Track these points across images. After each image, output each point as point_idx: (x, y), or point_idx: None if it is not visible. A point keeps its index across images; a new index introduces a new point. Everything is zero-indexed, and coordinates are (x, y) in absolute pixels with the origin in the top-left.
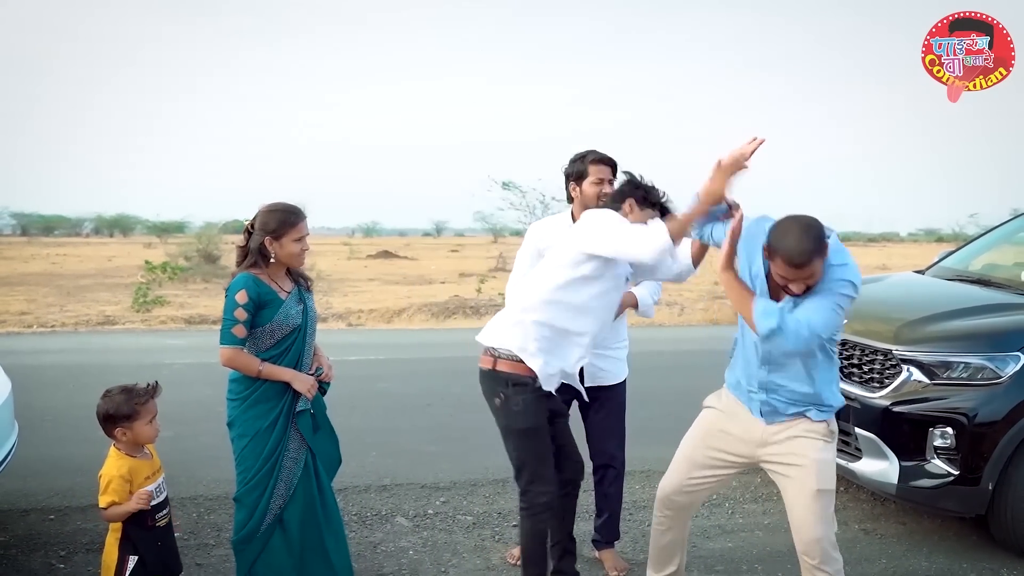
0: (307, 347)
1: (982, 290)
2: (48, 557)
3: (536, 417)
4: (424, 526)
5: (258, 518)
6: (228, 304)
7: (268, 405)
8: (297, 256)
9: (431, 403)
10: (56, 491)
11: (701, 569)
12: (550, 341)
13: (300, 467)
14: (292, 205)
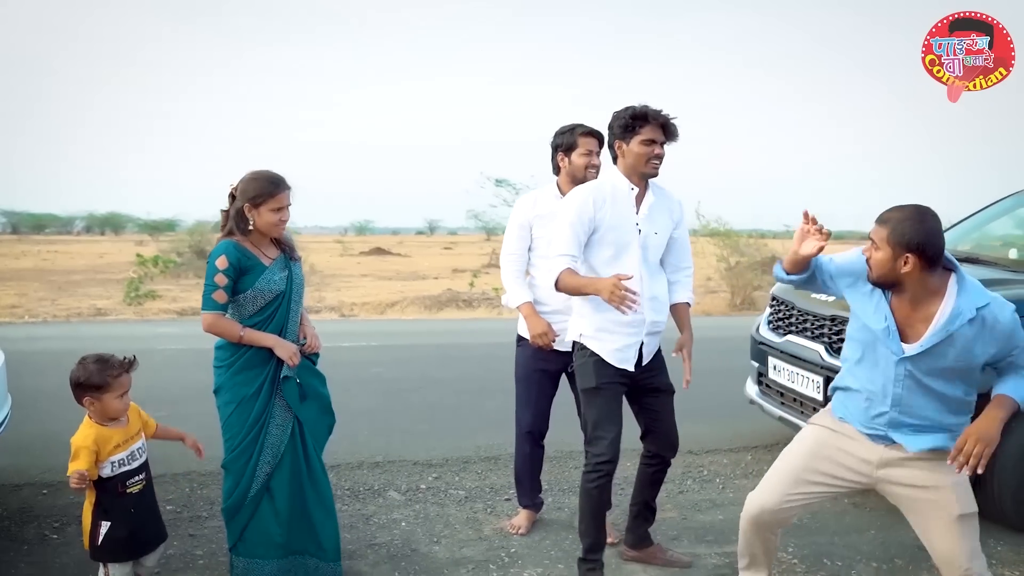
0: (292, 315)
1: (970, 267)
2: (41, 528)
3: (597, 378)
4: (416, 500)
5: (245, 485)
6: (209, 270)
7: (253, 372)
8: (275, 226)
9: (423, 386)
10: (48, 467)
11: (692, 539)
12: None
13: (287, 435)
14: (275, 174)
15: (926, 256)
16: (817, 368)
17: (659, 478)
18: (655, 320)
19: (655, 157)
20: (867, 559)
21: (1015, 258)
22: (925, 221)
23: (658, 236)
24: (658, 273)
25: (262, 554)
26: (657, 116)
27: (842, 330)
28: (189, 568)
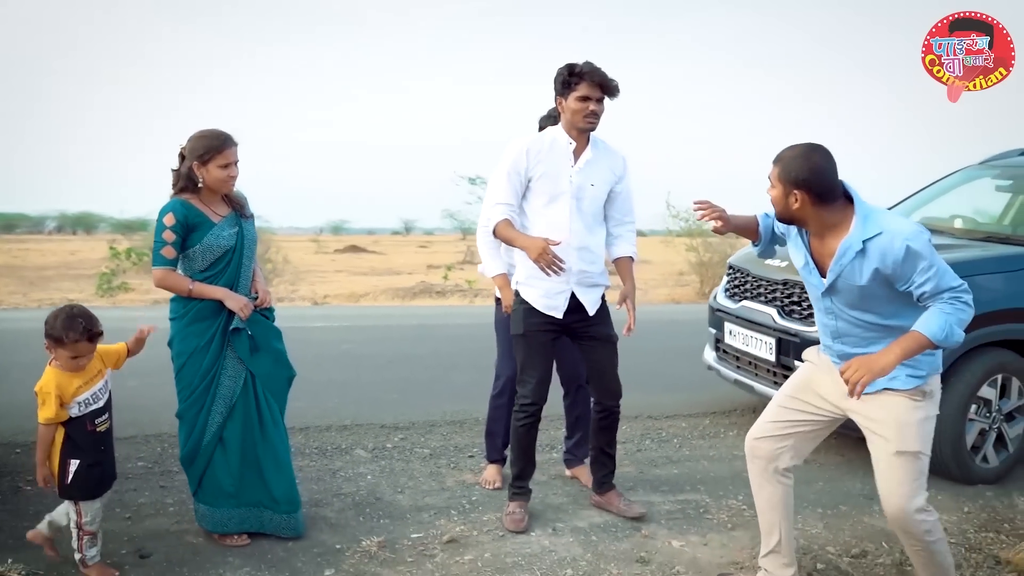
0: (243, 270)
1: None
2: (15, 481)
3: (524, 325)
4: (382, 457)
5: (198, 434)
6: (157, 227)
7: (204, 324)
8: (223, 181)
9: (394, 361)
10: (21, 430)
11: (647, 489)
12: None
13: (239, 386)
14: (221, 131)
15: (813, 192)
16: (770, 330)
17: (606, 425)
18: (584, 270)
19: (591, 114)
20: (813, 506)
21: (960, 227)
22: (811, 158)
23: (594, 188)
24: (594, 225)
25: (218, 503)
26: (593, 73)
27: (793, 293)
28: (160, 515)
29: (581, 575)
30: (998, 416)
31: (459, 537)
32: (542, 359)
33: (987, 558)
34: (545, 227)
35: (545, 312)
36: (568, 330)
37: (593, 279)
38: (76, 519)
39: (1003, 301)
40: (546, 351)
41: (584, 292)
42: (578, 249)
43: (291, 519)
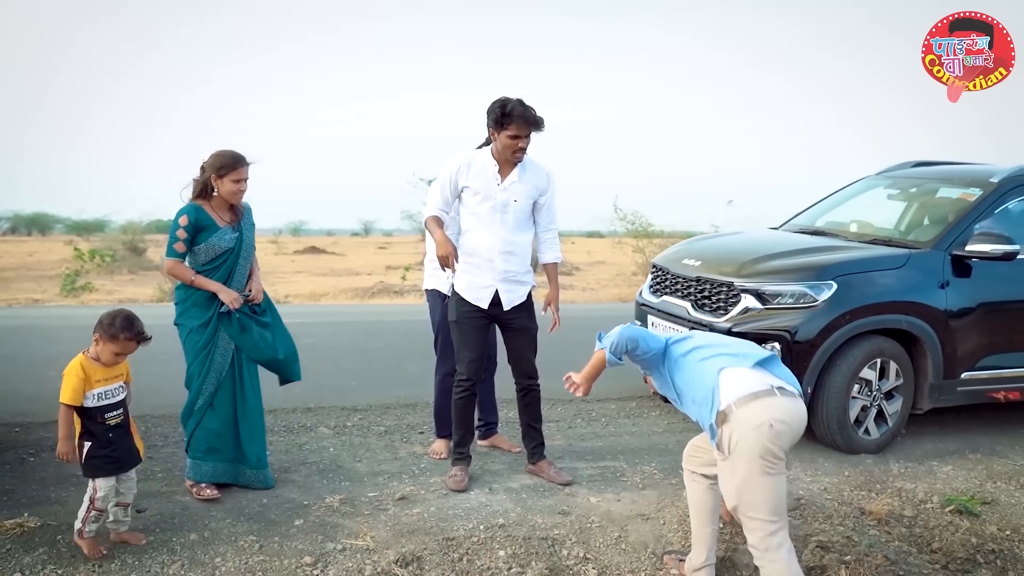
0: (238, 268)
1: (815, 238)
2: (19, 454)
3: (457, 313)
4: (343, 433)
5: (194, 398)
6: (173, 225)
7: (201, 309)
8: (234, 193)
9: (352, 353)
10: (18, 412)
11: (573, 458)
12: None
13: (227, 362)
14: (237, 152)
15: None
16: (685, 322)
17: (528, 401)
18: (508, 269)
19: (519, 149)
20: None
21: (854, 231)
22: None
23: (518, 203)
24: (519, 232)
25: (202, 457)
26: (523, 116)
27: (705, 289)
28: (151, 479)
29: (511, 523)
30: (878, 394)
31: (409, 495)
32: (475, 342)
33: (854, 510)
34: (476, 227)
35: (472, 302)
36: (496, 319)
37: (517, 277)
38: (91, 493)
39: (882, 295)
40: (478, 335)
41: (507, 288)
42: (502, 253)
43: (262, 474)
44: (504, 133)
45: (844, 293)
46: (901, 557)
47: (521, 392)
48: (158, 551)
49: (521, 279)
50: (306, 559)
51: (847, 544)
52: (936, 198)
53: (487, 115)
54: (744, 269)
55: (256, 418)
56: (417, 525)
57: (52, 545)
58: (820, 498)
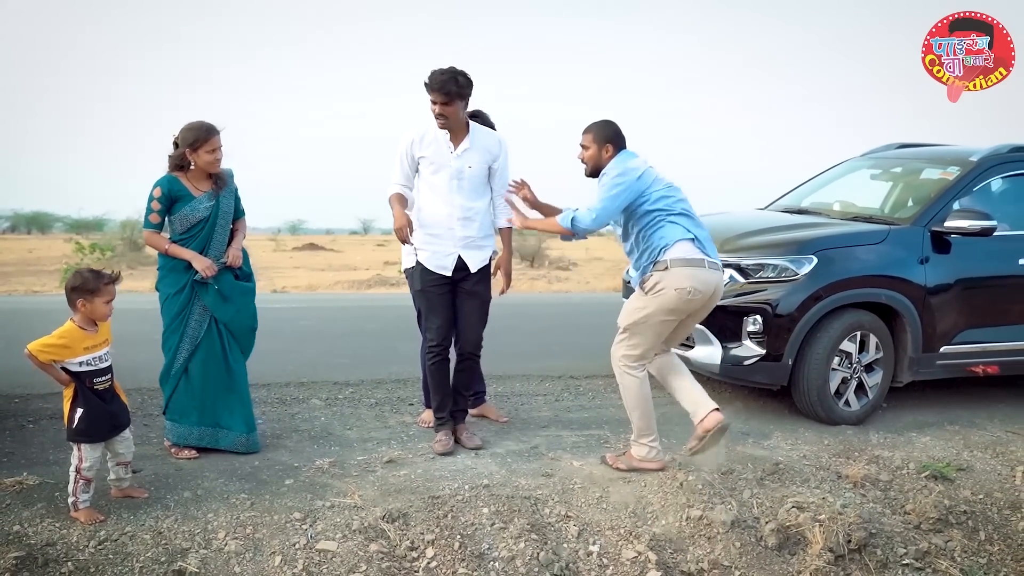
0: (215, 236)
1: (798, 216)
2: (19, 422)
3: (421, 283)
4: (334, 405)
5: (169, 362)
6: (148, 197)
7: (177, 276)
8: (211, 163)
9: (347, 334)
10: (18, 385)
11: (559, 427)
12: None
13: (203, 329)
14: (207, 123)
15: (615, 144)
16: None
17: (463, 368)
18: (468, 235)
19: (438, 115)
20: None
21: (837, 209)
22: (611, 124)
23: (472, 169)
24: (476, 197)
25: (180, 420)
26: (431, 83)
27: None
28: (146, 444)
29: (495, 484)
30: (858, 367)
31: (397, 459)
32: (441, 308)
33: (831, 474)
34: (433, 197)
35: (436, 271)
36: (455, 284)
37: (476, 242)
38: (77, 463)
39: (862, 269)
40: (443, 301)
41: (469, 253)
42: (460, 219)
43: (249, 438)
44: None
45: (824, 267)
46: (875, 517)
47: (460, 358)
48: (152, 507)
49: (481, 244)
50: (296, 515)
51: (822, 504)
52: (918, 178)
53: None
54: (728, 244)
55: (241, 383)
56: (404, 485)
57: (50, 501)
58: (799, 464)
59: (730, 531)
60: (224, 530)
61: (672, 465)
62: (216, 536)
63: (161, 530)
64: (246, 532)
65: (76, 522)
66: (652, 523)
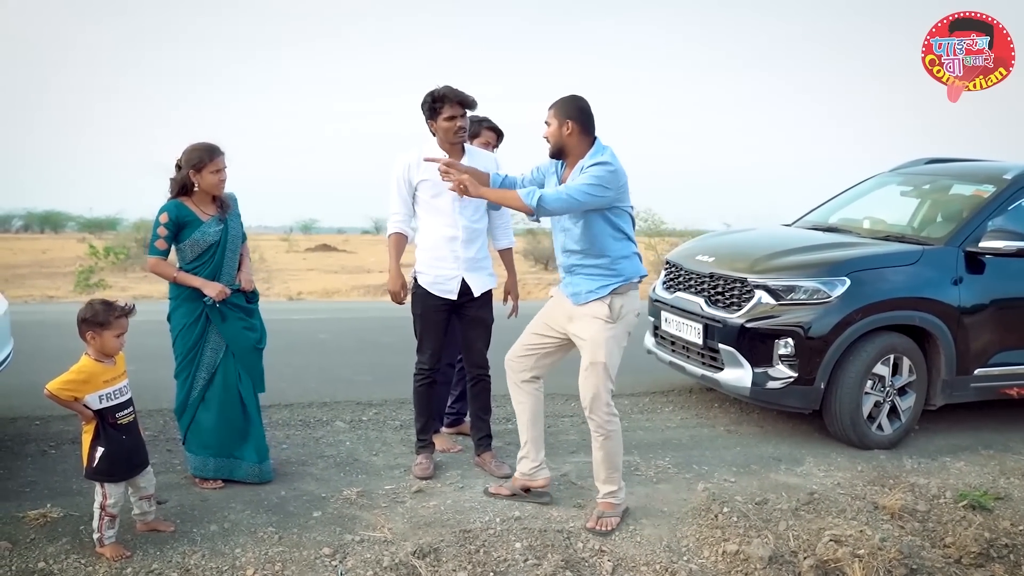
0: (226, 261)
1: (829, 234)
2: (40, 447)
3: (421, 307)
4: (359, 428)
5: (186, 393)
6: (154, 223)
7: (192, 305)
8: (215, 185)
9: (365, 348)
10: (38, 406)
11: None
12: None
13: (219, 357)
14: (210, 143)
15: (579, 121)
16: (698, 317)
17: (477, 391)
18: (470, 256)
19: (459, 129)
20: (728, 465)
21: (867, 227)
22: (578, 100)
23: None
24: (479, 218)
25: (196, 451)
26: (454, 95)
27: (718, 285)
28: (170, 471)
29: (527, 516)
30: (891, 390)
31: (425, 488)
32: (436, 334)
33: (867, 504)
34: (437, 220)
35: (440, 296)
36: (454, 308)
37: (479, 263)
38: (101, 500)
39: (895, 291)
40: (439, 327)
41: (473, 276)
42: (464, 241)
43: (262, 467)
44: (441, 118)
45: (857, 289)
46: (914, 551)
47: (472, 381)
48: (179, 541)
49: (482, 265)
50: (325, 550)
51: (860, 538)
52: (949, 195)
53: (421, 110)
54: (757, 265)
55: (253, 411)
56: (434, 517)
57: (75, 535)
58: (833, 492)
59: (768, 567)
60: (252, 567)
61: (705, 496)
62: (244, 573)
63: (188, 567)
64: (275, 569)
65: (102, 558)
66: (688, 559)
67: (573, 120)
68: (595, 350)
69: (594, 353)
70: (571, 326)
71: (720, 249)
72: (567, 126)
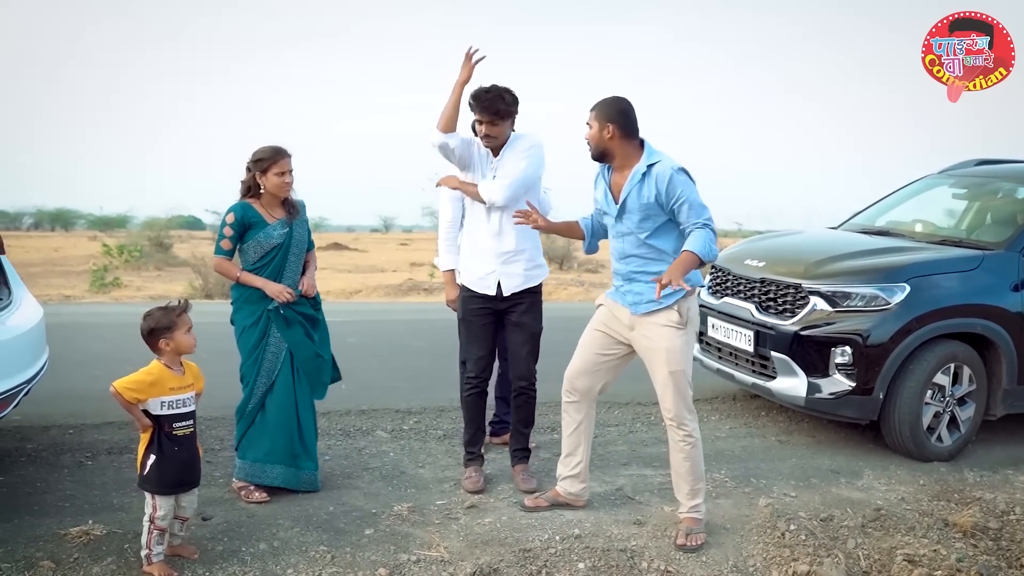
0: (289, 263)
1: (881, 238)
2: (76, 458)
3: (463, 312)
4: (400, 438)
5: (247, 398)
6: (221, 223)
7: (253, 307)
8: (280, 186)
9: (396, 352)
10: (70, 413)
11: (639, 464)
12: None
13: (279, 361)
14: (277, 146)
15: (620, 124)
16: (749, 324)
17: (520, 403)
18: (504, 251)
19: (485, 136)
20: (786, 478)
21: (919, 231)
22: (619, 102)
23: None
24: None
25: (250, 457)
26: (479, 100)
27: (769, 291)
28: (212, 485)
29: (587, 533)
30: (951, 400)
31: (478, 503)
32: (482, 340)
33: (937, 521)
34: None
35: (479, 291)
36: (500, 315)
37: (513, 258)
38: (150, 512)
39: (956, 298)
40: (485, 333)
41: (506, 272)
42: (496, 235)
43: (311, 476)
44: (474, 120)
45: (917, 296)
46: (992, 572)
47: (514, 393)
48: (228, 561)
49: (519, 260)
50: (380, 571)
51: (935, 558)
52: (1003, 198)
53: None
54: (811, 270)
55: (310, 419)
56: (490, 535)
57: (120, 554)
58: (899, 508)
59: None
60: None
61: (768, 512)
62: None
63: None
64: None
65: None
66: None
67: (614, 123)
68: (671, 358)
69: (671, 362)
70: (635, 335)
71: (770, 253)
72: (608, 129)
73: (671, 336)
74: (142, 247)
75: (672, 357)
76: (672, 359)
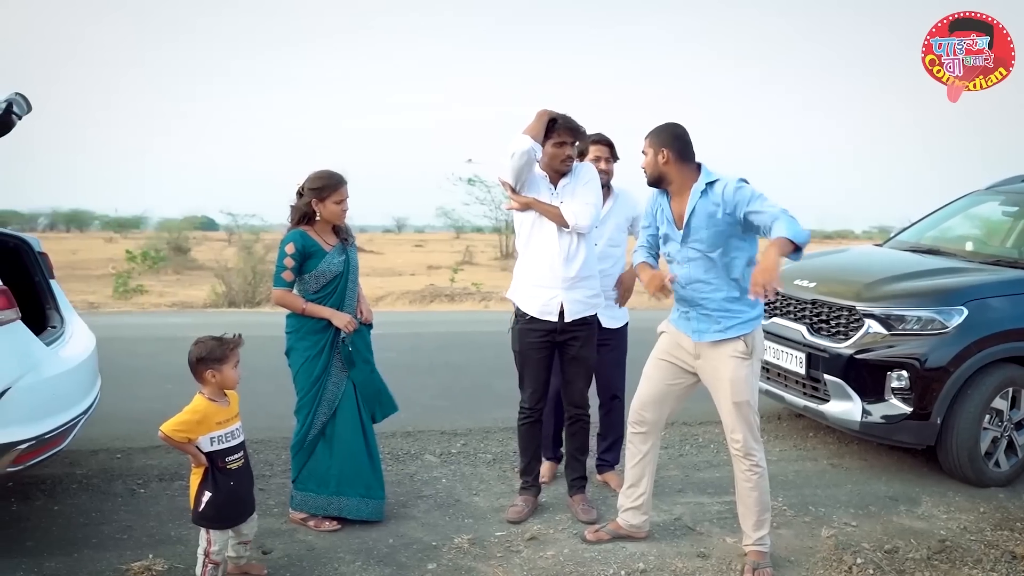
0: (349, 291)
1: (932, 257)
2: (128, 485)
3: (519, 344)
4: (450, 462)
5: (305, 430)
6: (280, 254)
7: (315, 338)
8: (338, 215)
9: (434, 370)
10: (117, 436)
11: (695, 491)
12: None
13: (341, 392)
14: (335, 172)
15: (675, 149)
16: (800, 345)
17: (574, 431)
18: (570, 276)
19: (566, 157)
20: (845, 507)
21: (971, 250)
22: (674, 128)
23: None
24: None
25: (314, 489)
26: (567, 122)
27: (821, 312)
28: (267, 515)
29: (651, 568)
30: (1009, 425)
31: (539, 535)
32: (537, 372)
33: (1004, 554)
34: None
35: (541, 318)
36: (557, 345)
37: (575, 284)
38: (205, 546)
39: (1013, 321)
40: (540, 365)
41: (570, 298)
42: (565, 261)
43: (378, 505)
44: (550, 142)
45: (975, 319)
46: None
47: (569, 420)
48: None
49: (582, 286)
50: None
51: None
52: None
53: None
54: (865, 292)
55: (375, 446)
56: (555, 570)
57: None
58: (963, 539)
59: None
60: None
61: (832, 543)
62: None
63: None
64: None
65: None
66: None
67: (668, 148)
68: (738, 389)
69: (737, 392)
70: (700, 363)
71: (820, 273)
72: (663, 154)
73: (736, 366)
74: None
75: (737, 388)
76: (737, 390)
